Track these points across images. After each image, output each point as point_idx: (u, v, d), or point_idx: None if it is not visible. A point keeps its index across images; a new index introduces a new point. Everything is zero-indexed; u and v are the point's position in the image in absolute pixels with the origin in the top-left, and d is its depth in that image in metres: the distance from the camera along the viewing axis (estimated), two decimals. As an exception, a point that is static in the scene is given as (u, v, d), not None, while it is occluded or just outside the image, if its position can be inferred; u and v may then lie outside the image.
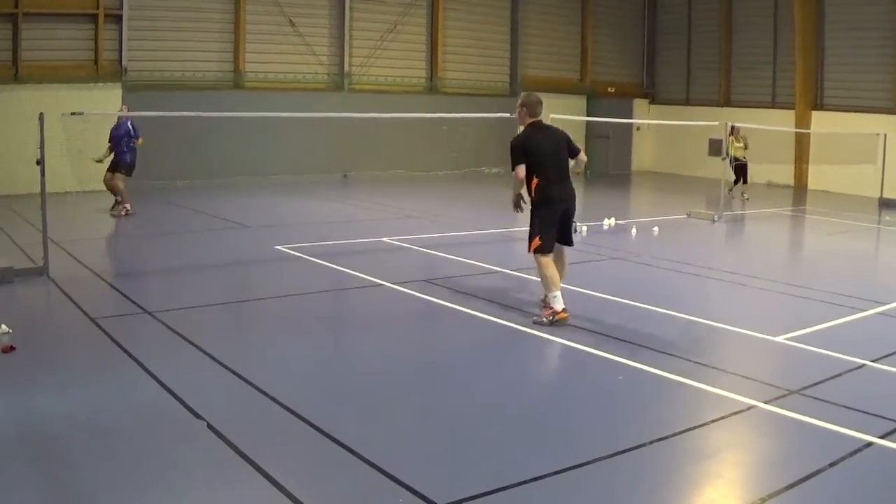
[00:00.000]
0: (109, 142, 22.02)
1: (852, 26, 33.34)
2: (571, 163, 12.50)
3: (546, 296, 12.06)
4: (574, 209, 12.44)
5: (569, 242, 12.51)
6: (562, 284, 11.97)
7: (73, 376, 9.31)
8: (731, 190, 29.55)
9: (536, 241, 11.95)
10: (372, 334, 11.60)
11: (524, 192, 12.16)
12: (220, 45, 29.69)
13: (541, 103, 12.43)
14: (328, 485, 6.76)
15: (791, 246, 22.81)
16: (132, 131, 21.95)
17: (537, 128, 12.28)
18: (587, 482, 6.92)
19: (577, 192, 12.38)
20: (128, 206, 22.01)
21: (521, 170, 11.90)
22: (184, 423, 7.82)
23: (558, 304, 11.70)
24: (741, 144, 29.26)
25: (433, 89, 34.94)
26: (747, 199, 29.23)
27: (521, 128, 12.43)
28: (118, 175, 22.00)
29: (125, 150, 21.97)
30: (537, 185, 11.95)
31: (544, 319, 11.67)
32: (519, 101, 12.45)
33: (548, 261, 11.94)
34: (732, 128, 29.04)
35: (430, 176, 32.91)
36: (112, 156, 22.01)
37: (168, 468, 6.90)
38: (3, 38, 25.30)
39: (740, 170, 29.54)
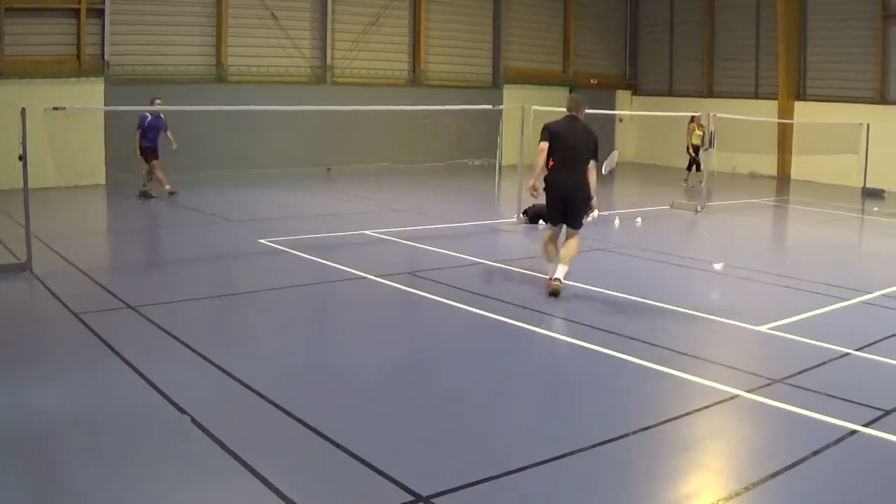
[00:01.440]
0: (142, 131, 22.94)
1: (835, 16, 33.41)
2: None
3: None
4: (575, 198, 13.19)
5: (572, 225, 13.32)
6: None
7: (57, 372, 9.28)
8: (686, 179, 30.93)
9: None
10: (356, 327, 11.60)
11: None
12: (202, 38, 29.56)
13: (577, 102, 13.85)
14: (313, 477, 6.76)
15: (774, 236, 22.88)
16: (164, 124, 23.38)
17: (568, 119, 13.48)
18: (570, 472, 6.93)
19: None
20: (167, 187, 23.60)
21: (544, 145, 13.03)
22: (168, 418, 7.81)
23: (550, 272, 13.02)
24: (701, 132, 29.72)
25: (416, 82, 34.85)
26: (691, 186, 29.87)
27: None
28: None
29: (158, 140, 23.25)
30: (550, 167, 13.12)
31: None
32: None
33: (546, 235, 13.52)
34: (693, 117, 30.17)
35: (414, 168, 32.89)
36: (142, 144, 23.09)
37: (153, 463, 6.89)
38: (-14, 34, 25.23)
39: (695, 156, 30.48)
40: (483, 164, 33.61)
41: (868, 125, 29.29)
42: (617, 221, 20.88)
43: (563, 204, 13.15)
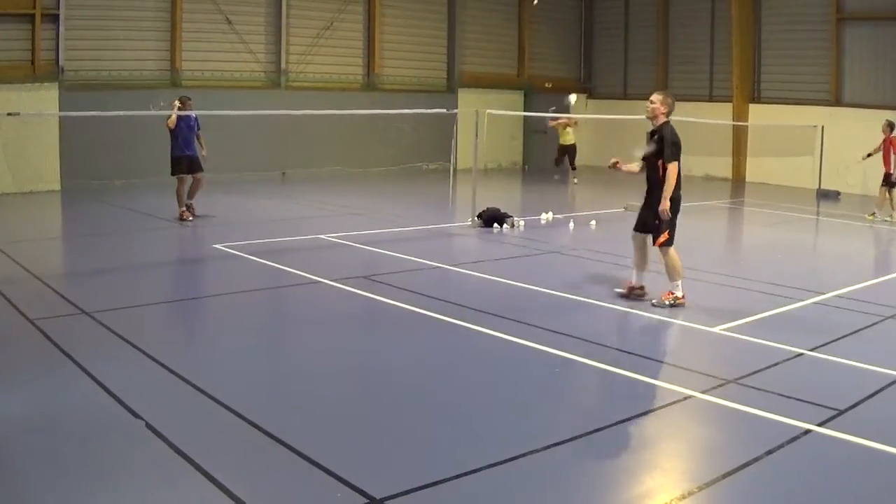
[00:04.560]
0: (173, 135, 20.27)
1: (789, 18, 33.66)
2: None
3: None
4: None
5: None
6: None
7: (11, 378, 9.20)
8: (558, 165, 32.70)
9: (666, 235, 12.70)
10: (310, 331, 11.59)
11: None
12: (156, 43, 29.33)
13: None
14: (267, 481, 6.72)
15: (729, 237, 23.00)
16: (197, 124, 20.83)
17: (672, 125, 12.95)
18: (523, 474, 6.93)
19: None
20: (185, 210, 20.63)
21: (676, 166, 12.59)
22: (123, 423, 7.75)
23: (679, 291, 12.62)
24: (570, 130, 32.17)
25: (371, 86, 34.80)
26: (576, 182, 31.53)
27: (653, 120, 13.25)
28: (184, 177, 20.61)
29: (192, 144, 20.63)
30: (678, 182, 12.66)
31: (665, 302, 12.55)
32: (667, 95, 13.28)
33: (674, 251, 12.79)
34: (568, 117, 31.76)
35: (368, 172, 32.88)
36: (174, 154, 20.39)
37: (108, 468, 6.85)
38: (-62, 40, 25.01)
39: (565, 152, 32.28)
40: (437, 169, 33.68)
41: (823, 127, 29.46)
42: (571, 224, 20.95)
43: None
